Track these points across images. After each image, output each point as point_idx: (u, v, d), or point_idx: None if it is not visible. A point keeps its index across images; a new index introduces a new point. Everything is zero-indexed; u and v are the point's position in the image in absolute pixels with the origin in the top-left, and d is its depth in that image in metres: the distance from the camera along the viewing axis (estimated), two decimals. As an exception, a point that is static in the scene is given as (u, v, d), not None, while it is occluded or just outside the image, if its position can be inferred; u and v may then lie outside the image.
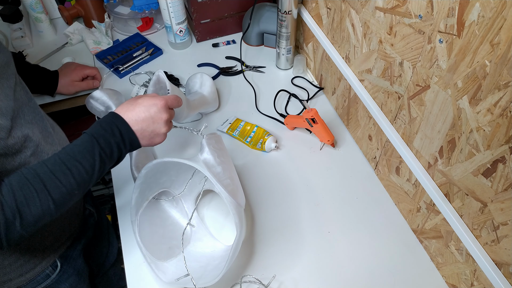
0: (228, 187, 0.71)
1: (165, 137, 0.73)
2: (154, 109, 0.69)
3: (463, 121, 0.64)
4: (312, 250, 0.84)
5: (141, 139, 0.69)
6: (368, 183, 0.95)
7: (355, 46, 0.90)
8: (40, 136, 0.73)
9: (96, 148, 0.63)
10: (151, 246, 0.77)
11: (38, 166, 0.61)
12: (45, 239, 0.82)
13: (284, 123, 1.06)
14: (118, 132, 0.66)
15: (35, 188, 0.59)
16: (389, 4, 0.74)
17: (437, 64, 0.66)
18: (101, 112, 1.00)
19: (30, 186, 0.58)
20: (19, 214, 0.58)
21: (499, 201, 0.61)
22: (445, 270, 0.79)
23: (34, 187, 0.59)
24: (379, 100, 0.87)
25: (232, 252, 0.69)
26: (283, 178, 0.96)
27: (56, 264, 0.87)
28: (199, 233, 0.85)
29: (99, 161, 0.64)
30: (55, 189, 0.60)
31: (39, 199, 0.59)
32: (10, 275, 0.79)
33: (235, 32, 1.34)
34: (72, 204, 0.65)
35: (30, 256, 0.81)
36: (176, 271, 0.76)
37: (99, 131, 0.65)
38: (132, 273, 0.81)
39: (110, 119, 0.67)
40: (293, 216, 0.89)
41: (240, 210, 0.73)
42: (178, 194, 0.85)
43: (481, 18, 0.55)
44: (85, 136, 0.65)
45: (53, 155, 0.62)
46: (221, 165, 0.74)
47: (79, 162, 0.62)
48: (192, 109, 0.97)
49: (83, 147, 0.63)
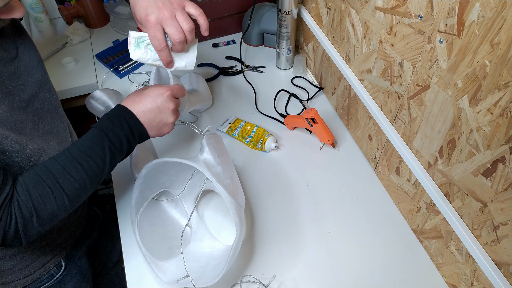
0: (228, 187, 0.71)
1: (173, 126, 0.73)
2: (160, 99, 0.70)
3: (463, 121, 0.64)
4: (312, 250, 0.84)
5: (150, 130, 0.70)
6: (368, 183, 0.95)
7: (355, 46, 0.90)
8: (57, 147, 0.73)
9: (105, 142, 0.64)
10: (151, 246, 0.77)
11: (50, 162, 0.61)
12: (51, 240, 0.82)
13: (284, 123, 1.06)
14: (127, 125, 0.67)
15: (49, 185, 0.60)
16: (389, 4, 0.74)
17: (437, 64, 0.66)
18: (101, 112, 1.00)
19: (44, 184, 0.59)
20: (36, 212, 0.59)
21: (499, 201, 0.61)
22: (445, 270, 0.79)
23: (48, 184, 0.60)
24: (379, 100, 0.87)
25: (232, 252, 0.69)
26: (283, 178, 0.96)
27: (60, 264, 0.87)
28: (199, 233, 0.85)
29: (110, 155, 0.65)
30: (68, 185, 0.61)
31: (54, 196, 0.60)
32: (16, 275, 0.79)
33: (235, 32, 1.33)
34: (86, 198, 0.66)
35: (36, 257, 0.81)
36: (176, 271, 0.76)
37: (107, 125, 0.66)
38: (132, 273, 0.81)
39: (118, 112, 0.68)
40: (293, 216, 0.89)
41: (240, 210, 0.73)
42: (178, 195, 0.85)
43: (481, 18, 0.55)
44: (94, 130, 0.65)
45: (63, 150, 0.63)
46: (221, 165, 0.73)
47: (90, 157, 0.63)
48: (191, 104, 0.97)
49: (93, 141, 0.64)
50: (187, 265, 0.74)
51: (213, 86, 1.17)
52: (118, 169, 0.96)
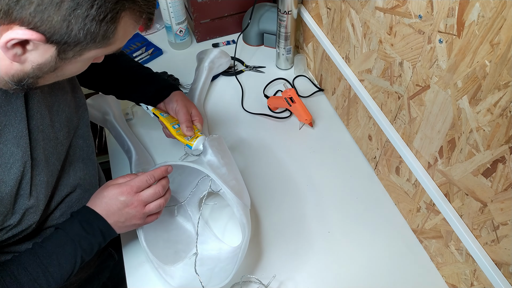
0: (234, 188, 0.71)
1: (145, 220, 0.72)
2: (122, 198, 0.68)
3: (463, 121, 0.64)
4: (312, 250, 0.84)
5: (118, 229, 0.69)
6: (368, 183, 0.95)
7: (355, 46, 0.90)
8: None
9: (78, 252, 0.64)
10: (156, 251, 0.76)
11: (15, 268, 0.61)
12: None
13: (267, 105, 1.10)
14: (99, 232, 0.66)
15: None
16: (389, 4, 0.74)
17: (437, 64, 0.66)
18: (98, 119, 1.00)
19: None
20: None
21: (499, 201, 0.61)
22: (445, 270, 0.79)
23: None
24: (379, 100, 0.87)
25: (241, 252, 0.69)
26: (283, 179, 0.96)
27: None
28: (204, 236, 0.84)
29: (80, 262, 0.65)
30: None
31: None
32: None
33: (235, 32, 1.33)
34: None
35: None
36: (184, 275, 0.75)
37: (80, 233, 0.65)
38: (132, 275, 0.80)
39: (90, 217, 0.67)
40: (293, 216, 0.89)
41: (246, 210, 0.73)
42: (182, 202, 0.85)
43: (481, 18, 0.55)
44: (65, 237, 0.64)
45: (32, 254, 0.62)
46: (225, 166, 0.73)
47: (60, 265, 0.63)
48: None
49: (65, 249, 0.64)
50: (194, 269, 0.73)
51: (214, 86, 1.17)
52: (118, 171, 0.97)
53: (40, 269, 0.61)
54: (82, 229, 0.65)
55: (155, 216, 0.73)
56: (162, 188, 0.70)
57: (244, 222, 0.70)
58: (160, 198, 0.71)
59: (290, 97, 1.01)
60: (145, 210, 0.69)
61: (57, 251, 0.63)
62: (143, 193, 0.69)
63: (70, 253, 0.64)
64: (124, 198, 0.67)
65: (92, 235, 0.66)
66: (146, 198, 0.69)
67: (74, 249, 0.64)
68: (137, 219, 0.69)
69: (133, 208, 0.68)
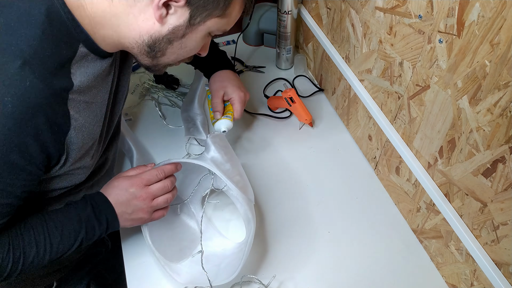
0: (238, 184, 0.71)
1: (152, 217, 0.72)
2: (131, 190, 0.69)
3: (463, 121, 0.64)
4: (312, 250, 0.84)
5: (122, 222, 0.69)
6: (368, 183, 0.95)
7: (355, 46, 0.90)
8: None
9: (81, 233, 0.65)
10: (162, 249, 0.76)
11: (25, 230, 0.61)
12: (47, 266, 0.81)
13: (267, 105, 1.10)
14: (105, 222, 0.67)
15: (14, 252, 0.60)
16: (389, 4, 0.74)
17: (437, 64, 0.66)
18: None
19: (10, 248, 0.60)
20: (24, 257, 0.60)
21: (499, 201, 0.61)
22: (445, 270, 0.79)
23: (13, 251, 0.60)
24: (379, 100, 0.87)
25: (247, 246, 0.69)
26: (283, 179, 0.96)
27: (51, 285, 0.85)
28: (208, 233, 0.84)
29: (78, 245, 0.65)
30: (29, 258, 0.61)
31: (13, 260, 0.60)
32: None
33: (235, 32, 1.33)
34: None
35: (29, 279, 0.80)
36: (190, 272, 0.75)
37: (89, 216, 0.66)
38: (132, 274, 0.80)
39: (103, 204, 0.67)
40: (293, 216, 0.89)
41: (251, 205, 0.73)
42: (185, 200, 0.85)
43: (481, 18, 0.55)
44: (75, 215, 0.65)
45: (40, 219, 0.63)
46: (229, 162, 0.74)
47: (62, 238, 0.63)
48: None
49: (70, 227, 0.64)
50: (200, 266, 0.73)
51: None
52: (118, 171, 0.96)
53: (43, 236, 0.61)
54: (92, 212, 0.66)
55: (161, 213, 0.73)
56: (170, 183, 0.71)
57: (250, 217, 0.70)
58: (168, 193, 0.72)
59: (290, 97, 1.00)
60: (152, 203, 0.70)
61: (63, 225, 0.64)
62: (152, 187, 0.70)
63: (74, 230, 0.64)
64: (133, 189, 0.68)
65: (98, 221, 0.66)
66: (154, 192, 0.70)
67: (79, 228, 0.64)
68: (144, 212, 0.70)
69: (141, 200, 0.68)
